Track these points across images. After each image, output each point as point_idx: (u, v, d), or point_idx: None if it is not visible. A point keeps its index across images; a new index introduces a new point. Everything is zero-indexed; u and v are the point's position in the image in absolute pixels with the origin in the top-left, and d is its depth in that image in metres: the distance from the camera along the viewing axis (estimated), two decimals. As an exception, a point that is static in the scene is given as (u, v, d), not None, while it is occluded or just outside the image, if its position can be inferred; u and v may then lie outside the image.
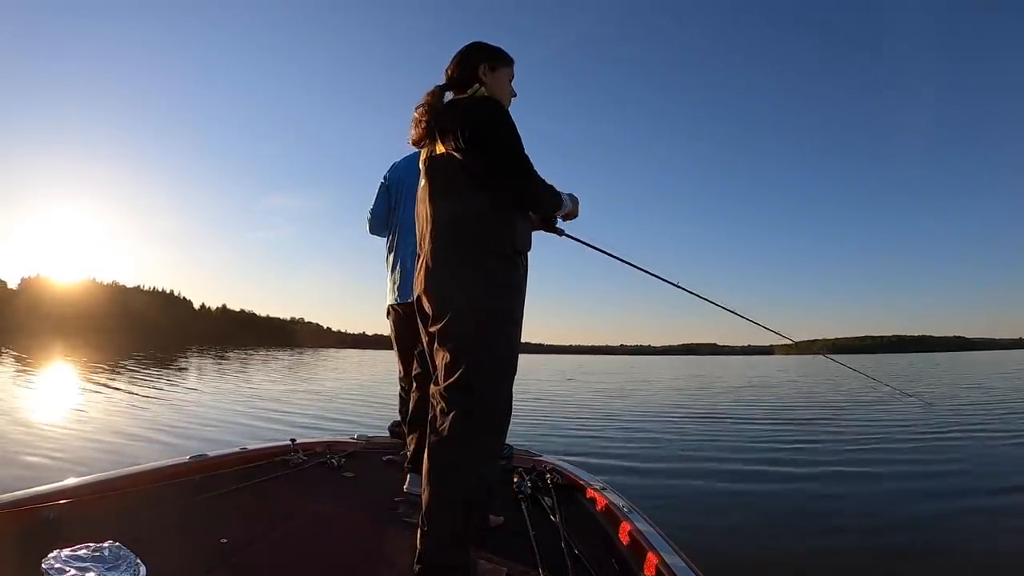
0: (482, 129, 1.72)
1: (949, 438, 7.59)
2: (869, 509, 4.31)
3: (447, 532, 1.67)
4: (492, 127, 1.73)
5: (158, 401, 10.78)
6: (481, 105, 1.78)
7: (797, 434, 8.33)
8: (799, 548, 3.56)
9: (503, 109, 1.80)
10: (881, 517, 4.10)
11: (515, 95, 2.01)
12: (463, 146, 1.73)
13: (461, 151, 1.74)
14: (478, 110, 1.76)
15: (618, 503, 2.32)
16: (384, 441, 3.56)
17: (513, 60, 1.99)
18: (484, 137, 1.72)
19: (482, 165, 1.72)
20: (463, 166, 1.74)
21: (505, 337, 1.73)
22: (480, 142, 1.72)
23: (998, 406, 11.52)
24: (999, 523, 3.95)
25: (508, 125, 1.75)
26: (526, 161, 1.74)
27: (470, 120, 1.73)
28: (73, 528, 1.79)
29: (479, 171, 1.72)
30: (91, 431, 7.13)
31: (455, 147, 1.74)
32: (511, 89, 1.99)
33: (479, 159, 1.72)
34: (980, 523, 3.98)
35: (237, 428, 7.97)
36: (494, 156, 1.71)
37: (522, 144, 1.76)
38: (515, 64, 2.01)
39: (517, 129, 1.77)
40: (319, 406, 11.44)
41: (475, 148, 1.72)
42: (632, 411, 11.49)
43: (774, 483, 5.26)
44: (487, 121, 1.73)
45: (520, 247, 1.79)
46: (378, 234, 3.20)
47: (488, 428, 1.71)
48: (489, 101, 1.80)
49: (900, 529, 3.84)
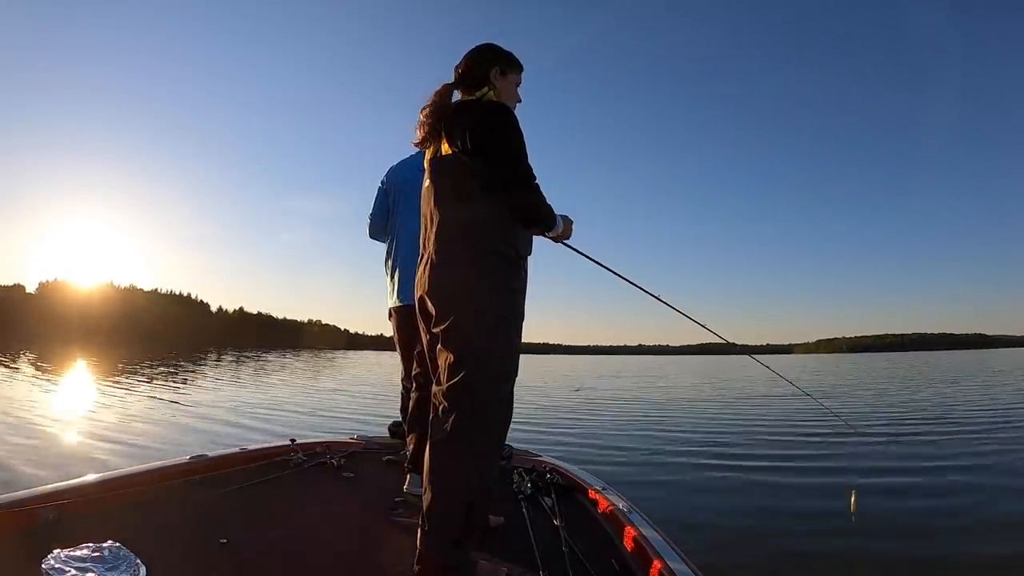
0: (492, 136, 1.72)
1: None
2: (877, 514, 4.25)
3: (447, 532, 1.67)
4: (502, 135, 1.73)
5: (161, 402, 10.90)
6: (493, 110, 1.78)
7: (797, 434, 8.25)
8: (800, 548, 3.53)
9: (514, 117, 1.80)
10: (889, 524, 4.04)
11: (520, 101, 2.01)
12: (470, 149, 1.73)
13: (468, 154, 1.74)
14: (489, 116, 1.76)
15: (618, 504, 2.31)
16: (384, 441, 3.57)
17: (523, 67, 2.00)
18: (493, 144, 1.72)
19: (488, 170, 1.72)
20: (470, 169, 1.74)
21: (507, 339, 1.74)
22: (488, 148, 1.72)
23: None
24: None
25: (517, 134, 1.75)
26: (530, 173, 1.75)
27: (480, 125, 1.73)
28: (73, 528, 1.81)
29: (485, 175, 1.73)
30: (94, 432, 7.22)
31: (462, 149, 1.75)
32: (518, 95, 2.00)
33: (486, 164, 1.72)
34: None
35: (237, 428, 8.03)
36: (500, 164, 1.72)
37: (527, 155, 1.77)
38: (524, 71, 2.01)
39: (524, 139, 1.78)
40: (319, 406, 11.51)
41: (483, 153, 1.72)
42: (636, 413, 11.42)
43: (774, 482, 5.22)
44: (497, 128, 1.73)
45: (523, 251, 1.81)
46: (377, 238, 3.21)
47: (489, 429, 1.73)
48: (500, 107, 1.80)
49: (904, 535, 3.77)
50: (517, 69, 1.98)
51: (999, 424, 8.64)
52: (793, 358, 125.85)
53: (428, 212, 1.86)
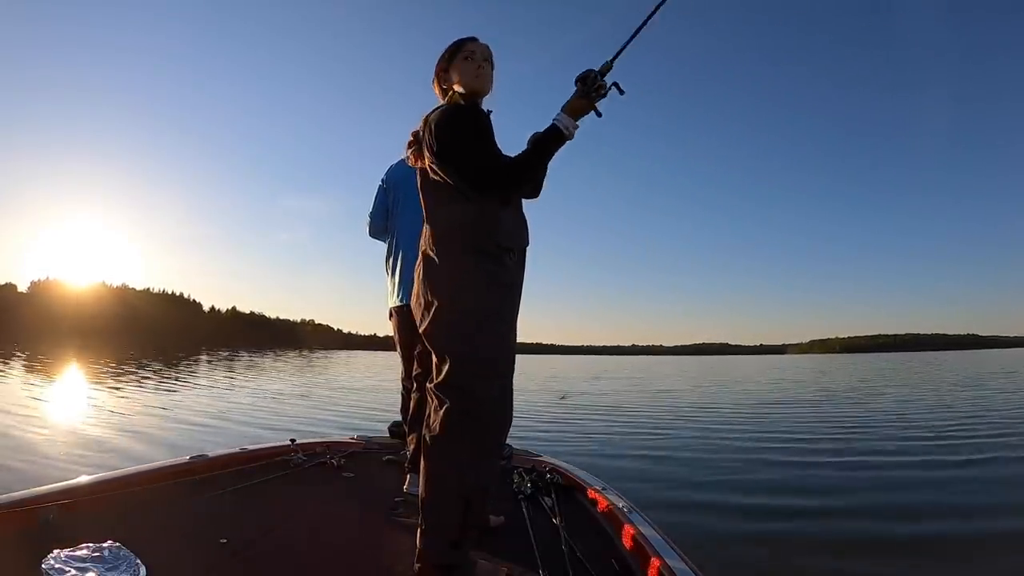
0: (447, 144, 1.72)
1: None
2: (876, 514, 4.27)
3: (444, 532, 1.68)
4: (448, 137, 1.72)
5: (159, 402, 10.83)
6: (441, 118, 1.77)
7: (795, 434, 8.27)
8: (800, 548, 3.54)
9: (457, 113, 1.76)
10: (890, 521, 4.06)
11: (483, 68, 1.85)
12: (436, 160, 1.76)
13: (433, 163, 1.77)
14: (435, 123, 1.76)
15: (618, 504, 2.31)
16: (384, 441, 3.56)
17: (467, 38, 1.88)
18: (450, 153, 1.73)
19: (453, 174, 1.74)
20: (441, 177, 1.77)
21: (492, 334, 1.73)
22: (449, 157, 1.73)
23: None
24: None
25: (467, 133, 1.72)
26: (491, 166, 1.70)
27: (435, 136, 1.74)
28: (73, 528, 1.80)
29: (452, 179, 1.74)
30: (92, 432, 7.17)
31: (432, 160, 1.77)
32: (479, 68, 1.85)
33: (448, 170, 1.74)
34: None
35: (237, 428, 7.99)
36: (464, 172, 1.72)
37: (484, 141, 1.73)
38: (476, 38, 1.88)
39: (477, 124, 1.74)
40: (319, 406, 11.47)
41: (442, 160, 1.74)
42: (633, 412, 11.44)
43: (772, 482, 5.23)
44: (443, 132, 1.73)
45: (505, 243, 1.77)
46: (377, 237, 3.21)
47: (479, 426, 1.72)
48: (448, 111, 1.78)
49: (910, 534, 3.78)
50: (459, 48, 1.87)
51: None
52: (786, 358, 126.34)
53: (421, 222, 1.90)
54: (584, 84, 1.71)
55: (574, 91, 1.73)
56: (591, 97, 1.71)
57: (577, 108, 1.72)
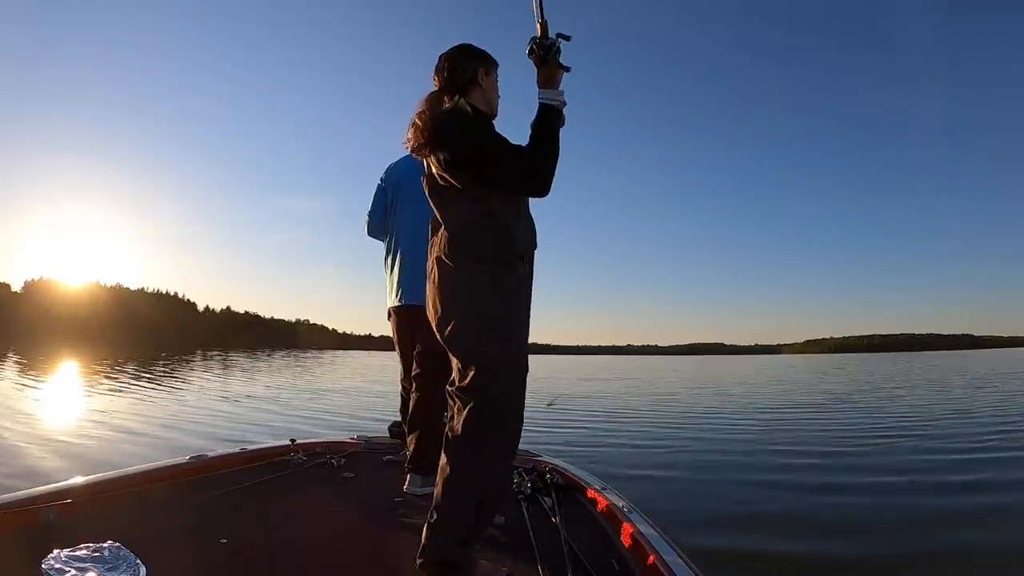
0: (460, 147, 1.74)
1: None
2: (877, 510, 4.29)
3: (455, 530, 1.69)
4: (467, 142, 1.74)
5: (157, 402, 10.81)
6: (451, 121, 1.78)
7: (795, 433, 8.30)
8: (800, 547, 3.55)
9: (472, 119, 1.80)
10: (888, 519, 4.08)
11: (499, 96, 2.00)
12: (446, 164, 1.76)
13: (446, 168, 1.77)
14: (450, 127, 1.77)
15: (618, 503, 2.31)
16: (384, 441, 3.56)
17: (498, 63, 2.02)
18: (463, 154, 1.74)
19: (470, 178, 1.75)
20: (453, 183, 1.77)
21: (507, 339, 1.76)
22: (460, 159, 1.75)
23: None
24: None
25: (480, 133, 1.77)
26: (516, 149, 1.74)
27: (446, 138, 1.75)
28: (73, 528, 1.80)
29: (467, 183, 1.75)
30: (91, 432, 7.16)
31: (445, 164, 1.78)
32: (498, 90, 1.99)
33: (465, 173, 1.75)
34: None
35: (237, 428, 7.98)
36: (481, 169, 1.74)
37: (497, 140, 1.77)
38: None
39: (486, 127, 1.80)
40: (319, 406, 11.43)
41: (458, 165, 1.75)
42: (631, 412, 11.46)
43: (772, 482, 5.24)
44: (460, 137, 1.75)
45: (519, 250, 1.80)
46: (376, 236, 3.20)
47: (497, 428, 1.74)
48: (455, 115, 1.80)
49: (909, 532, 3.80)
50: (496, 66, 1.99)
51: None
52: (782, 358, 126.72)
53: (429, 225, 1.90)
54: (535, 54, 1.77)
55: (536, 70, 1.78)
56: (549, 61, 1.76)
57: (547, 78, 1.77)
